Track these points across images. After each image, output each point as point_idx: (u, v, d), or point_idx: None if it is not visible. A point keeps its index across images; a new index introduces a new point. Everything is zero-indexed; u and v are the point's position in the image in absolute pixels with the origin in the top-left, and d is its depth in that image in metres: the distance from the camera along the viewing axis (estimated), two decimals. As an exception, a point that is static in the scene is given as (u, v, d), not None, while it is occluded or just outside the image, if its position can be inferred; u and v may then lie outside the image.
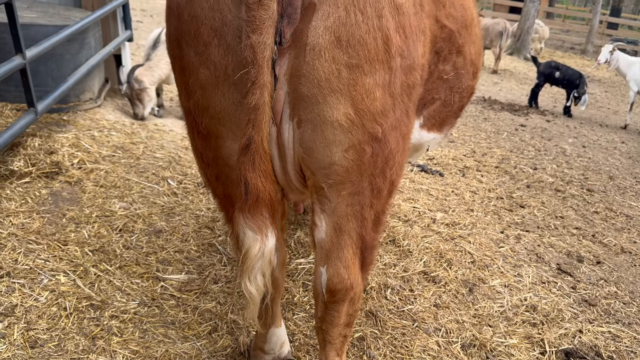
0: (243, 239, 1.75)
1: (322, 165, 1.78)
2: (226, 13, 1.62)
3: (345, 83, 1.65)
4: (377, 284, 3.48)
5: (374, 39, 1.63)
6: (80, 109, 5.29)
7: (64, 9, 5.84)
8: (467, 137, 7.74)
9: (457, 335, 3.13)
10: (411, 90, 1.84)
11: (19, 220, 3.43)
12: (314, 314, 2.23)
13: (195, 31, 1.69)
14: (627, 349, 3.24)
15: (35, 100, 3.99)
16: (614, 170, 7.29)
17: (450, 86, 2.32)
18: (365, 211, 1.91)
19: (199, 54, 1.71)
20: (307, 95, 1.66)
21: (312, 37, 1.59)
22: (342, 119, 1.69)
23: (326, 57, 1.61)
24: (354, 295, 2.04)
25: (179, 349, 2.73)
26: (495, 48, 14.77)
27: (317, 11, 1.58)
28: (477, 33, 2.41)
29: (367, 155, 1.78)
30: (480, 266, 3.90)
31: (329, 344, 2.16)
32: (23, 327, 2.67)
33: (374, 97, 1.70)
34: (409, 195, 5.03)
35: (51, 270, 3.09)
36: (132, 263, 3.31)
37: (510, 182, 5.99)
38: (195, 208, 4.09)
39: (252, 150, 1.63)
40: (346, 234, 1.93)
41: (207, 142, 1.93)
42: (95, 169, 4.24)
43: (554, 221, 5.00)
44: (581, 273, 4.06)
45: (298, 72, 1.63)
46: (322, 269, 2.01)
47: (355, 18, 1.59)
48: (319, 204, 1.92)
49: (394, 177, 1.96)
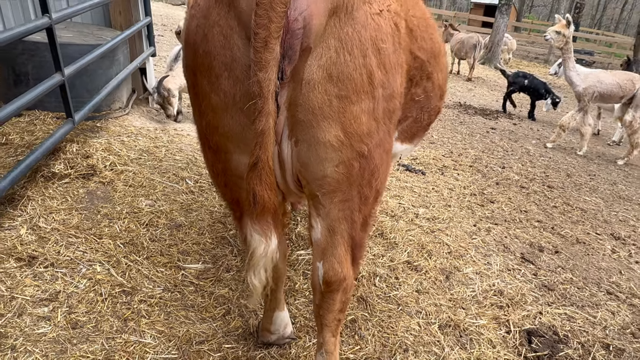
0: (250, 241, 1.79)
1: (316, 177, 1.83)
2: (235, 51, 1.65)
3: (335, 111, 1.69)
4: (367, 272, 3.51)
5: (359, 75, 1.67)
6: (111, 117, 5.29)
7: (96, 28, 5.81)
8: (445, 139, 7.75)
9: (435, 317, 3.17)
10: (392, 114, 1.89)
11: (60, 216, 3.44)
12: (312, 302, 2.27)
13: (208, 64, 1.72)
14: (580, 328, 3.29)
15: (72, 111, 4.00)
16: (571, 168, 7.32)
17: (421, 106, 2.36)
18: (354, 215, 1.96)
19: (211, 83, 1.75)
20: (303, 120, 1.70)
21: (308, 73, 1.63)
22: (333, 140, 1.73)
23: (319, 89, 1.65)
24: (346, 286, 2.09)
25: (198, 329, 2.77)
26: (469, 59, 14.72)
27: (312, 53, 1.61)
28: (443, 62, 2.45)
29: (355, 170, 1.82)
30: (456, 256, 3.94)
31: (326, 327, 2.20)
32: (65, 311, 2.70)
33: (360, 121, 1.74)
34: (396, 192, 5.05)
35: (88, 261, 3.11)
36: (157, 254, 3.34)
37: (482, 180, 6.02)
38: (209, 205, 4.11)
39: (260, 168, 1.66)
40: (339, 235, 1.98)
41: (217, 155, 1.96)
42: (125, 170, 4.24)
43: (519, 215, 5.04)
44: (542, 261, 4.10)
45: (295, 101, 1.67)
46: (318, 264, 2.05)
47: (344, 58, 1.64)
48: (314, 208, 1.97)
49: (379, 186, 2.00)
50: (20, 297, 2.71)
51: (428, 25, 2.26)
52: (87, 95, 4.79)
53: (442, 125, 8.65)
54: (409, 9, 2.04)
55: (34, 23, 3.42)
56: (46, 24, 3.54)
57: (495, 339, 3.05)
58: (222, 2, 1.65)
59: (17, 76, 4.80)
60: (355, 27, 1.64)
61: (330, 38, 1.62)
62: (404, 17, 1.94)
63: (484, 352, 2.92)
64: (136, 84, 6.28)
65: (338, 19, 1.62)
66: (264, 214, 1.74)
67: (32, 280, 2.84)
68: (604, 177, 7.13)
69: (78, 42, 4.92)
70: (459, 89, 13.23)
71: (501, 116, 10.39)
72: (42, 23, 3.51)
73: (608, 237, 4.87)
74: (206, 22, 1.69)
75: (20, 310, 2.63)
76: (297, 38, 1.57)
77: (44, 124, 4.63)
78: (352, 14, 1.63)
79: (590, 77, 8.02)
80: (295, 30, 1.56)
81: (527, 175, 6.50)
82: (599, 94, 7.95)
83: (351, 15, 1.63)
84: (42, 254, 3.04)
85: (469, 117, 9.76)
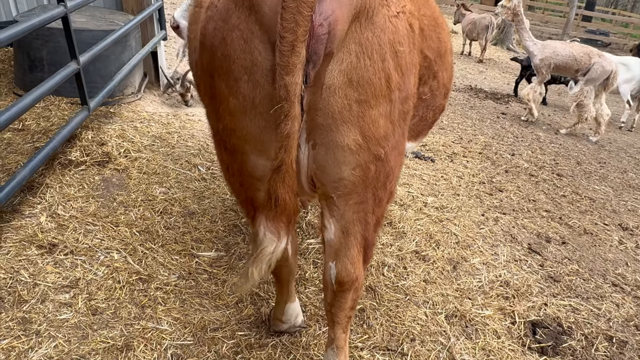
0: (262, 239, 1.82)
1: (332, 180, 1.87)
2: (256, 55, 1.67)
3: (355, 115, 1.72)
4: (376, 262, 3.60)
5: (378, 79, 1.70)
6: (124, 102, 5.36)
7: (108, 12, 5.84)
8: (455, 125, 7.76)
9: (442, 307, 3.26)
10: (406, 116, 1.93)
11: (78, 204, 3.55)
12: (324, 300, 2.35)
13: (227, 68, 1.74)
14: (584, 320, 3.37)
15: (87, 98, 4.08)
16: (581, 155, 7.33)
17: (427, 105, 2.40)
18: (368, 217, 2.00)
19: (229, 86, 1.76)
20: (322, 124, 1.74)
21: (329, 78, 1.66)
22: (352, 143, 1.77)
23: (340, 94, 1.68)
24: (358, 285, 2.15)
25: (212, 317, 2.88)
26: (481, 40, 14.59)
27: (334, 58, 1.64)
28: (449, 61, 2.47)
29: (371, 172, 1.87)
30: (464, 246, 4.02)
31: (337, 324, 2.28)
32: (85, 298, 2.82)
33: (378, 125, 1.78)
34: (405, 180, 5.11)
35: (106, 249, 3.22)
36: (171, 242, 3.44)
37: (491, 168, 6.05)
38: (221, 192, 4.19)
39: (283, 171, 1.70)
40: (352, 236, 2.03)
41: (233, 157, 1.99)
42: (139, 157, 4.33)
43: (527, 204, 5.09)
44: (548, 252, 4.17)
45: (315, 105, 1.70)
46: (331, 264, 2.10)
47: (364, 62, 1.66)
48: (328, 210, 2.01)
49: (392, 188, 2.05)
50: (42, 284, 2.83)
51: (437, 24, 2.28)
52: (101, 81, 4.85)
53: (453, 110, 8.64)
54: (420, 8, 2.06)
55: (50, 13, 3.47)
56: (62, 12, 3.60)
57: (500, 329, 3.15)
58: (243, 5, 1.65)
59: (32, 61, 4.87)
60: (374, 32, 1.66)
61: (351, 43, 1.65)
62: (417, 17, 1.96)
63: (488, 343, 3.02)
64: (147, 68, 6.33)
65: (359, 23, 1.64)
66: (281, 214, 1.79)
67: (53, 268, 2.96)
68: (615, 165, 7.13)
69: (92, 27, 4.97)
70: (470, 71, 13.13)
71: (512, 100, 10.33)
72: (58, 12, 3.56)
73: (616, 227, 4.91)
74: (225, 25, 1.70)
75: (43, 297, 2.76)
76: (321, 43, 1.59)
77: (58, 110, 4.72)
78: (372, 19, 1.66)
79: (547, 48, 8.20)
80: (320, 35, 1.58)
81: (537, 163, 6.52)
82: (555, 65, 8.15)
83: (371, 19, 1.66)
84: (61, 241, 3.16)
85: (480, 102, 9.72)
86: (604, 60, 7.88)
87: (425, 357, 2.82)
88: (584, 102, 7.91)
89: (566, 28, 23.17)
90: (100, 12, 5.74)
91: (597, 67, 7.83)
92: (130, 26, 4.88)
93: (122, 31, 4.67)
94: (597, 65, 7.83)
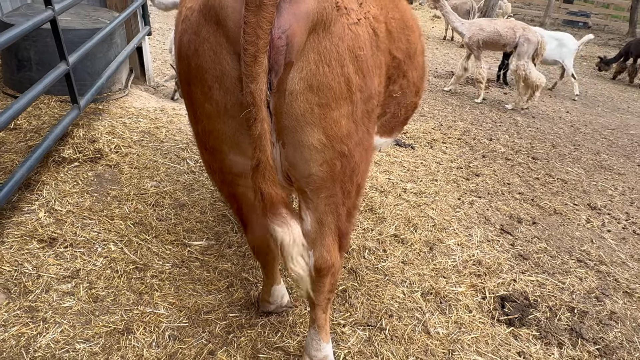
0: (275, 235, 1.96)
1: (303, 176, 2.07)
2: (225, 65, 1.84)
3: (317, 117, 1.89)
4: (357, 245, 3.86)
5: (337, 83, 1.87)
6: (112, 98, 5.53)
7: (92, 9, 5.97)
8: (436, 112, 8.02)
9: (419, 286, 3.54)
10: (370, 114, 2.10)
11: (74, 199, 3.75)
12: None
13: (200, 77, 1.91)
14: (549, 293, 3.67)
15: (77, 97, 4.26)
16: (557, 138, 7.63)
17: (398, 102, 2.57)
18: (339, 208, 2.20)
19: (204, 93, 1.94)
20: (288, 126, 1.91)
21: (290, 84, 1.83)
22: (316, 142, 1.95)
23: (301, 99, 1.85)
24: (334, 270, 2.38)
25: (205, 301, 3.12)
26: (463, 25, 14.81)
27: (294, 66, 1.81)
28: (419, 61, 2.64)
29: (337, 168, 2.05)
30: (440, 229, 4.29)
31: (317, 305, 2.53)
32: (86, 286, 3.05)
33: (340, 125, 1.95)
34: (386, 167, 5.37)
35: (103, 241, 3.44)
36: (164, 232, 3.66)
37: (469, 153, 6.33)
38: (209, 184, 4.40)
39: (262, 167, 1.87)
40: (326, 226, 2.23)
41: (213, 155, 2.18)
42: (129, 153, 4.53)
43: (502, 187, 5.38)
44: (519, 232, 4.47)
45: (280, 109, 1.88)
46: (309, 253, 2.31)
47: (323, 70, 1.83)
48: (304, 202, 2.21)
49: (360, 181, 2.24)
50: (45, 275, 3.05)
51: (406, 26, 2.47)
52: (89, 79, 5.02)
53: (434, 96, 8.90)
54: (388, 12, 2.25)
55: (39, 17, 3.62)
56: (50, 16, 3.75)
57: (471, 304, 3.43)
58: (211, 20, 1.82)
59: (19, 62, 5.01)
60: (332, 40, 1.82)
61: (310, 52, 1.81)
62: (383, 21, 2.15)
63: (461, 317, 3.30)
64: (133, 63, 6.48)
65: (317, 34, 1.80)
66: (274, 206, 1.93)
67: (55, 260, 3.18)
68: (588, 147, 7.45)
69: (77, 26, 5.11)
70: (452, 57, 13.38)
71: (492, 85, 10.61)
72: (47, 16, 3.71)
73: (585, 207, 5.23)
74: (197, 38, 1.87)
75: (47, 287, 2.98)
76: (281, 54, 1.77)
77: (48, 108, 4.88)
78: (329, 29, 1.81)
79: (474, 26, 8.69)
80: (280, 47, 1.75)
81: (514, 147, 6.81)
82: (483, 41, 8.54)
83: (329, 30, 1.81)
84: (61, 235, 3.37)
85: (460, 87, 9.98)
86: (529, 33, 8.40)
87: (402, 331, 3.10)
88: (528, 75, 8.33)
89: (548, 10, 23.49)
90: (85, 9, 5.87)
91: (523, 40, 8.30)
92: (115, 24, 5.03)
93: (108, 29, 4.83)
94: (523, 39, 8.32)
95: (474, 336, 3.14)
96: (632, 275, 4.06)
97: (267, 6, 1.65)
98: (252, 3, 1.65)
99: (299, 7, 1.75)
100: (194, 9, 1.92)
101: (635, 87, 13.17)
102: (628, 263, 4.23)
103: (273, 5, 1.67)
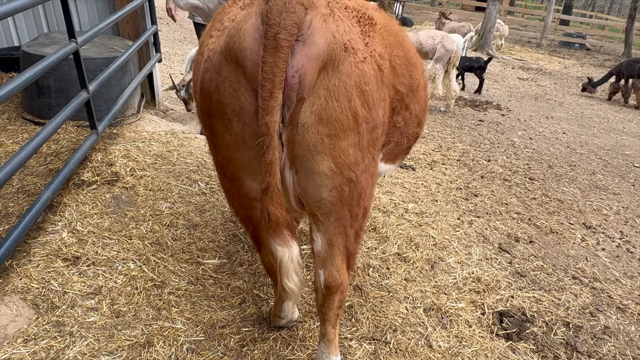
0: (275, 253, 2.20)
1: (314, 200, 2.27)
2: (243, 101, 2.06)
3: (326, 147, 2.10)
4: (362, 264, 4.06)
5: (345, 116, 2.08)
6: (125, 123, 5.78)
7: (106, 38, 6.26)
8: (435, 133, 8.27)
9: (421, 302, 3.73)
10: (375, 142, 2.31)
11: (94, 220, 3.96)
12: (315, 302, 2.78)
13: (221, 111, 2.13)
14: (545, 309, 3.85)
15: (96, 123, 4.50)
16: (553, 159, 7.86)
17: (401, 132, 2.79)
18: (347, 230, 2.40)
19: (224, 125, 2.16)
20: (300, 155, 2.13)
21: (302, 118, 2.05)
22: (326, 170, 2.15)
23: (312, 130, 2.06)
24: (343, 289, 2.56)
25: (219, 316, 3.31)
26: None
27: (306, 101, 2.03)
28: (421, 95, 2.85)
29: (346, 193, 2.25)
30: (440, 247, 4.49)
31: (327, 321, 2.71)
32: (109, 302, 3.24)
33: (348, 153, 2.16)
34: (388, 188, 5.59)
35: (123, 259, 3.64)
36: (179, 251, 3.87)
37: (468, 174, 6.55)
38: (220, 205, 4.62)
39: (270, 191, 2.08)
40: (336, 247, 2.42)
41: (231, 182, 2.39)
42: (144, 175, 4.75)
43: (500, 207, 5.59)
44: (517, 251, 4.67)
45: (293, 140, 2.09)
46: (320, 272, 2.50)
47: (332, 104, 2.05)
48: (315, 225, 2.41)
49: (366, 204, 2.44)
50: (70, 292, 3.25)
51: (409, 63, 2.72)
52: (105, 105, 5.28)
53: (433, 119, 9.16)
54: (392, 50, 2.50)
55: (64, 49, 3.87)
56: (74, 49, 4.01)
57: (471, 319, 3.62)
58: (231, 61, 2.05)
59: (39, 89, 5.27)
60: (340, 78, 2.05)
61: (320, 89, 2.03)
62: (388, 58, 2.40)
63: (461, 331, 3.49)
64: (144, 89, 6.76)
65: (326, 73, 2.02)
66: (279, 227, 2.16)
67: (79, 277, 3.38)
68: (584, 167, 7.67)
69: (94, 55, 5.38)
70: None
71: (490, 107, 10.89)
72: (71, 49, 3.97)
73: (580, 226, 5.43)
74: (218, 76, 2.11)
75: (72, 303, 3.18)
76: (294, 90, 2.00)
77: (66, 133, 5.12)
78: (338, 68, 2.04)
79: None
80: (293, 85, 1.98)
81: (511, 168, 7.04)
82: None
83: (337, 68, 2.04)
84: (83, 254, 3.58)
85: (459, 109, 10.26)
86: (445, 41, 8.94)
87: (405, 345, 3.28)
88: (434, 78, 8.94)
89: (544, 32, 23.97)
90: (100, 38, 6.15)
91: (440, 47, 8.85)
92: (130, 52, 5.31)
93: (124, 58, 5.10)
94: (439, 45, 8.83)
95: (474, 350, 3.33)
96: (625, 291, 4.25)
97: (283, 48, 1.90)
98: (270, 45, 1.90)
99: (311, 49, 1.99)
100: (215, 50, 2.17)
101: (631, 108, 13.46)
102: (621, 280, 4.42)
103: (288, 47, 1.92)
